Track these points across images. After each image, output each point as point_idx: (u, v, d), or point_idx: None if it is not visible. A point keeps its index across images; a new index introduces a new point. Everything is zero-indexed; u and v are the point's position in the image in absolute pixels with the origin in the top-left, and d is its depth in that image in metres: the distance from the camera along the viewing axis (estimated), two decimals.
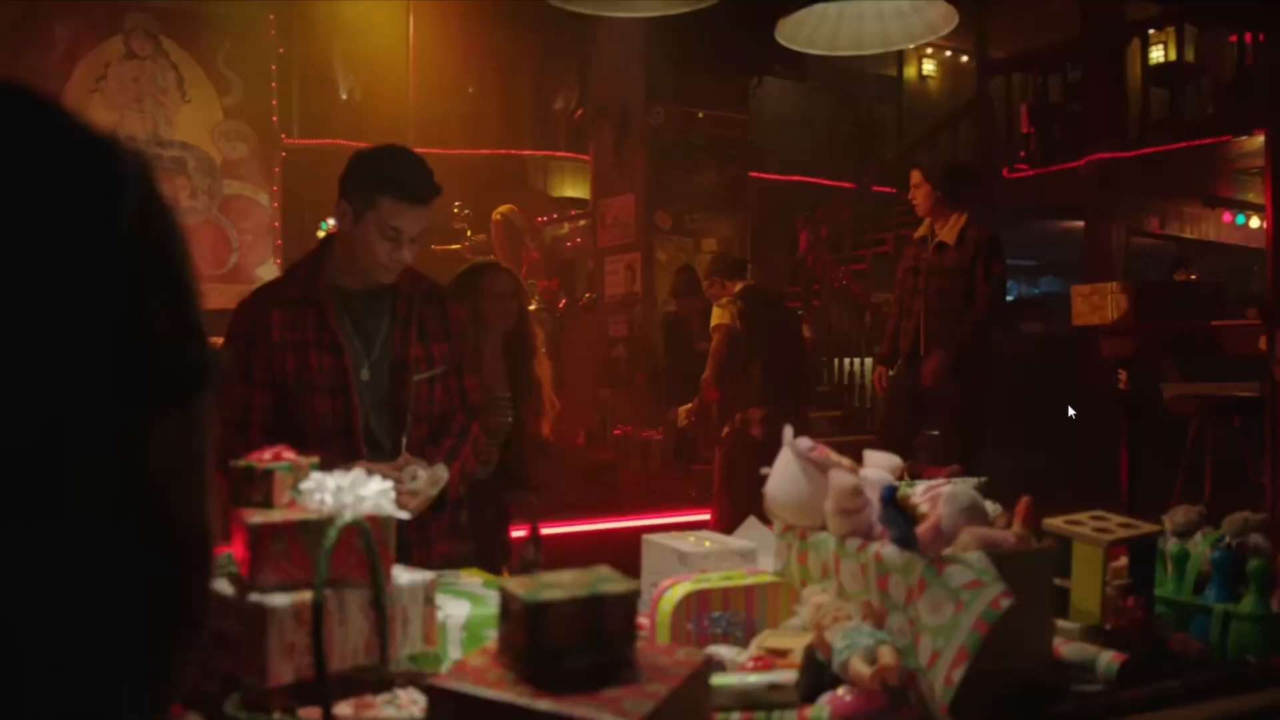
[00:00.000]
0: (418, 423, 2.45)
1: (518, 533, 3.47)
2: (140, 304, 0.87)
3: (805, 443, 1.88)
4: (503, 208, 6.71)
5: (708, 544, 2.27)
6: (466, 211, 6.42)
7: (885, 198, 11.40)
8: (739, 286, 5.62)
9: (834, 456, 1.86)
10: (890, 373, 5.32)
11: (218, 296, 7.76)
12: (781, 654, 1.65)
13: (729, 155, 8.09)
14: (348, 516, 1.50)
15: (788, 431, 1.89)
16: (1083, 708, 1.53)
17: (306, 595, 1.52)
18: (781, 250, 11.17)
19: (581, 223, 9.02)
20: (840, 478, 1.74)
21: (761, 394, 5.37)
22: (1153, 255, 10.32)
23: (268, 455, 1.65)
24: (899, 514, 1.61)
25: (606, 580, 1.29)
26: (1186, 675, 1.66)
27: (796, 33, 2.76)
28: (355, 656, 1.54)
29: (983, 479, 2.60)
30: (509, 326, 3.56)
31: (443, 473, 2.33)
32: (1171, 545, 2.00)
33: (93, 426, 0.84)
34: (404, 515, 1.64)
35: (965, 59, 12.70)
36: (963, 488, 1.79)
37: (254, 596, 1.49)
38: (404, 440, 2.41)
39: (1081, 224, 10.25)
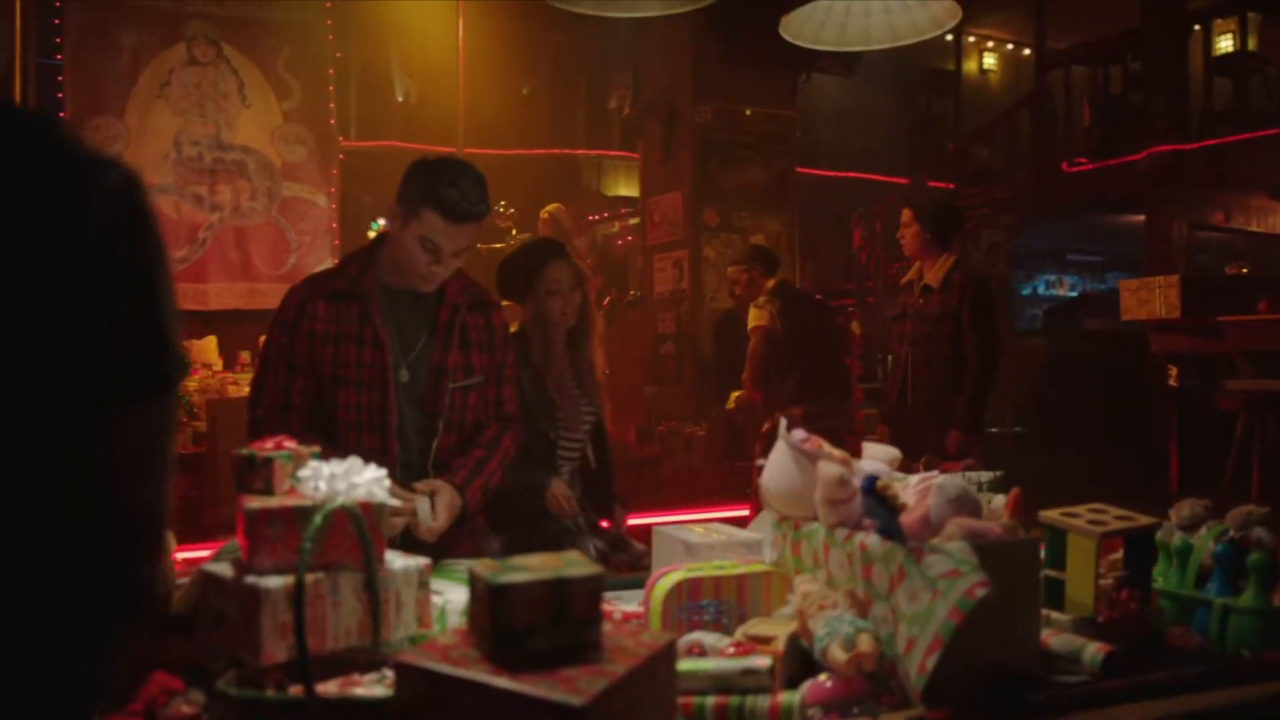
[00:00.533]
0: (449, 430, 2.46)
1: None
2: (106, 309, 0.94)
3: (799, 434, 1.90)
4: (550, 207, 6.78)
5: (715, 535, 2.30)
6: (512, 211, 6.50)
7: (941, 193, 11.29)
8: (772, 283, 5.61)
9: (826, 448, 1.88)
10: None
11: (276, 296, 7.95)
12: (765, 641, 1.68)
13: (777, 152, 8.08)
14: (337, 502, 1.55)
15: (782, 423, 1.91)
16: (1061, 697, 1.53)
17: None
18: (835, 246, 11.11)
19: (632, 221, 9.07)
20: (827, 468, 1.76)
21: (801, 391, 5.37)
22: (1219, 249, 10.09)
23: (269, 444, 1.71)
24: (879, 504, 1.63)
25: (573, 564, 1.33)
26: (1175, 668, 1.65)
27: (803, 29, 2.77)
28: (349, 637, 1.60)
29: (998, 474, 2.60)
30: (573, 322, 3.19)
31: (456, 501, 2.37)
32: (1176, 539, 1.99)
33: (53, 420, 0.91)
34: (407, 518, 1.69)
35: (1027, 52, 12.50)
36: (953, 479, 1.79)
37: (249, 579, 1.55)
38: (433, 446, 2.43)
39: (1142, 218, 10.05)
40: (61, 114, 8.23)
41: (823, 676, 1.57)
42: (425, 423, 2.43)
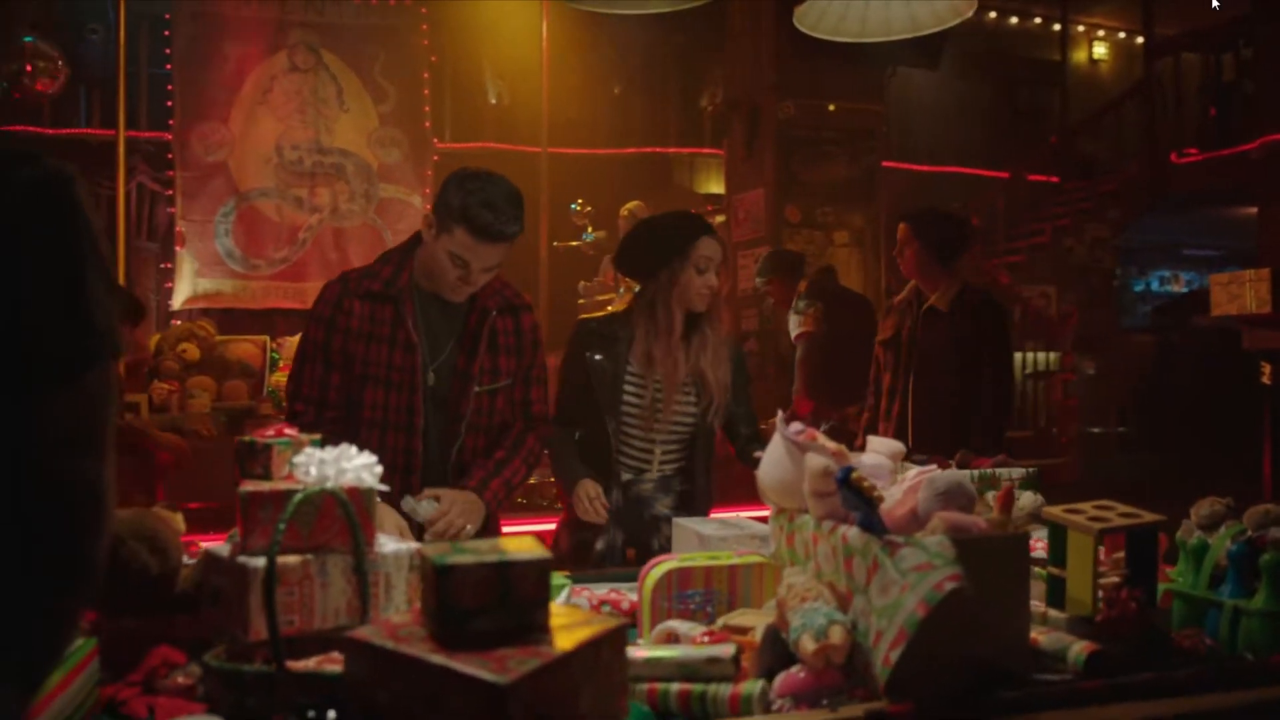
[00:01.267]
0: (474, 433, 2.50)
1: None
2: (21, 295, 1.01)
3: (795, 426, 1.90)
4: (629, 204, 6.83)
5: (730, 528, 2.32)
6: (589, 209, 6.57)
7: (1042, 186, 11.00)
8: (804, 285, 5.51)
9: (821, 440, 1.87)
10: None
11: None
12: (742, 631, 1.69)
13: (862, 147, 7.98)
14: (315, 488, 1.62)
15: (779, 415, 1.91)
16: (1035, 695, 1.50)
17: (289, 559, 1.65)
18: None
19: (718, 219, 9.07)
20: (813, 460, 1.75)
21: (849, 391, 5.25)
22: None
23: (270, 431, 1.79)
24: (856, 496, 1.62)
25: (522, 548, 1.36)
26: (1166, 669, 1.60)
27: (820, 20, 2.74)
28: (337, 617, 1.67)
29: (1030, 470, 2.55)
30: (704, 308, 2.79)
31: (474, 500, 2.41)
32: (1194, 538, 1.92)
33: None
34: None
35: (1140, 40, 12.08)
36: (944, 472, 1.77)
37: (241, 558, 1.63)
38: (454, 448, 2.47)
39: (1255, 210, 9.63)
40: (171, 121, 8.64)
41: (796, 667, 1.57)
42: (448, 425, 2.47)
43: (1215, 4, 8.46)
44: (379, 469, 1.74)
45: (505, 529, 3.34)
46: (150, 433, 4.15)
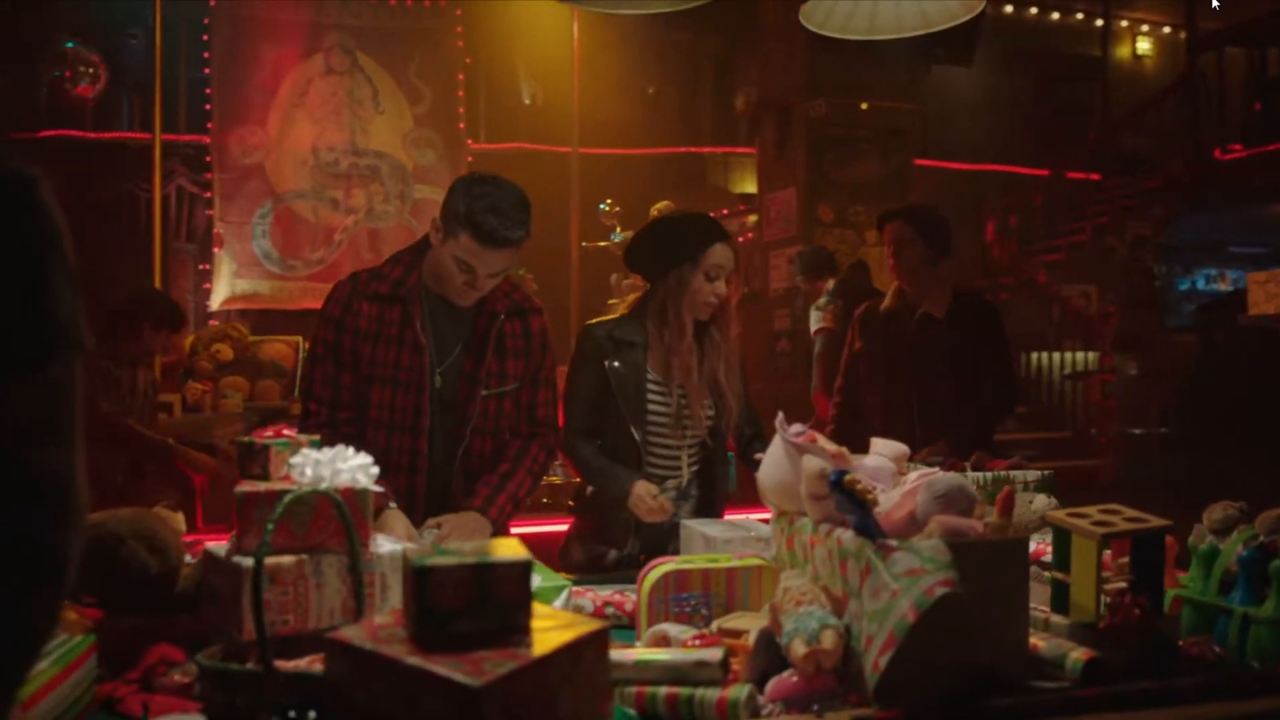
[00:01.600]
0: (480, 436, 2.49)
1: None
2: None
3: (795, 428, 1.88)
4: (659, 204, 6.81)
5: (736, 530, 2.30)
6: (617, 209, 6.57)
7: (1082, 184, 10.85)
8: (832, 283, 5.46)
9: (821, 442, 1.86)
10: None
11: None
12: (736, 635, 1.68)
13: (895, 145, 7.92)
14: (318, 488, 1.62)
15: (779, 416, 1.90)
16: (1028, 703, 1.48)
17: (284, 559, 1.66)
18: (970, 241, 10.81)
19: (751, 218, 9.04)
20: (809, 462, 1.74)
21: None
22: None
23: (269, 432, 1.80)
24: (849, 499, 1.60)
25: (503, 550, 1.36)
26: (1167, 678, 1.57)
27: (828, 18, 2.71)
28: (331, 617, 1.68)
29: (1047, 472, 2.52)
30: (708, 315, 2.71)
31: (481, 520, 2.39)
32: (1205, 543, 1.89)
33: None
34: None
35: (1184, 35, 11.89)
36: (944, 475, 1.75)
37: (235, 558, 1.64)
38: (459, 451, 2.46)
39: None
40: (209, 124, 8.76)
41: (788, 672, 1.56)
42: (454, 427, 2.46)
43: None
44: (375, 470, 1.74)
45: (525, 529, 3.36)
46: (184, 454, 4.19)
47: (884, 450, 1.96)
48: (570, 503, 2.91)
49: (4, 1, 8.27)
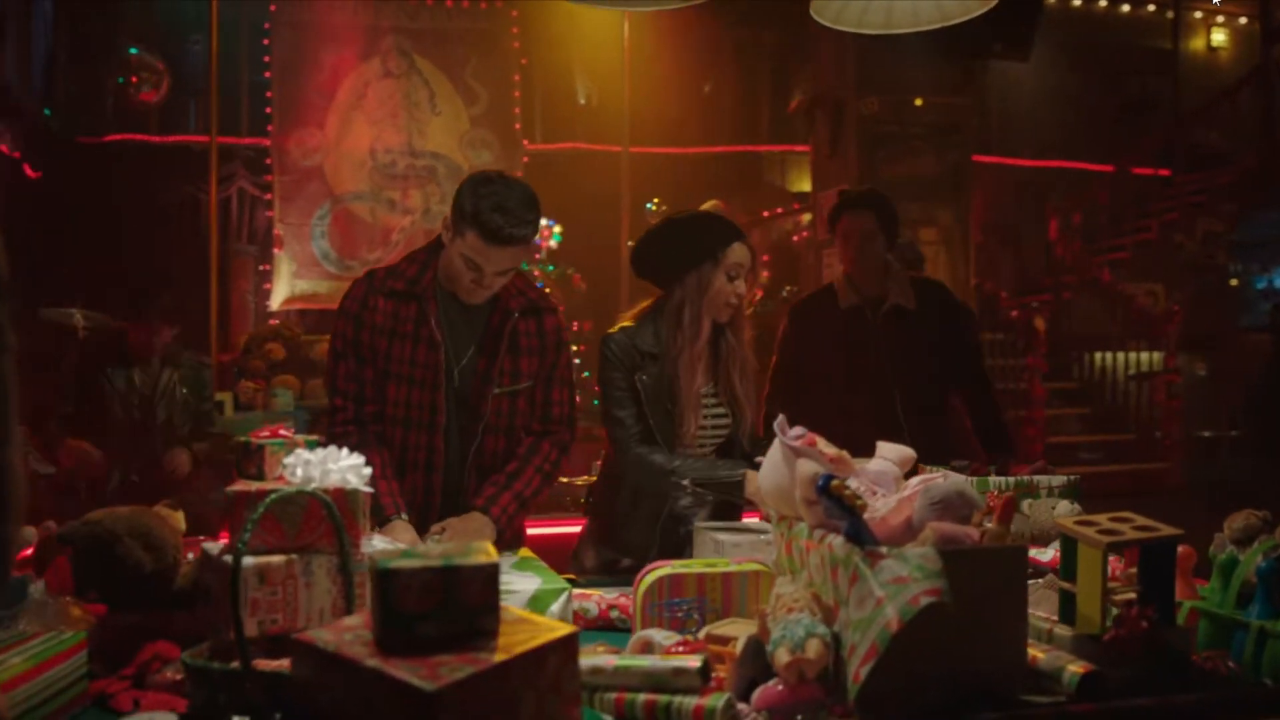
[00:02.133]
0: (493, 434, 2.48)
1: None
2: None
3: (795, 431, 1.85)
4: (707, 203, 6.76)
5: (746, 534, 2.27)
6: (664, 208, 6.55)
7: (1149, 180, 10.58)
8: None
9: (822, 445, 1.82)
10: None
11: None
12: (724, 641, 1.65)
13: (950, 142, 7.78)
14: (304, 488, 1.63)
15: (779, 419, 1.86)
16: (1016, 718, 1.43)
17: (274, 558, 1.67)
18: (1032, 239, 10.61)
19: (806, 216, 8.95)
20: (804, 467, 1.70)
21: None
22: None
23: (265, 432, 1.81)
24: (837, 504, 1.57)
25: (471, 553, 1.35)
26: (1167, 694, 1.51)
27: (841, 14, 2.65)
28: (321, 616, 1.68)
29: (1072, 478, 2.44)
30: (728, 317, 2.64)
31: (484, 521, 2.38)
32: (1224, 553, 1.81)
33: None
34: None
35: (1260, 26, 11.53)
36: (941, 481, 1.70)
37: (227, 556, 1.65)
38: (472, 448, 2.46)
39: None
40: (269, 127, 8.91)
41: (774, 680, 1.53)
42: (468, 424, 2.46)
43: None
44: (366, 471, 1.74)
45: (540, 530, 3.34)
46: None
47: (889, 454, 1.91)
48: (584, 504, 2.88)
49: (72, 10, 8.51)
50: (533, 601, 1.93)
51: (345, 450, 1.75)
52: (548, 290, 6.99)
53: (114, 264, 8.05)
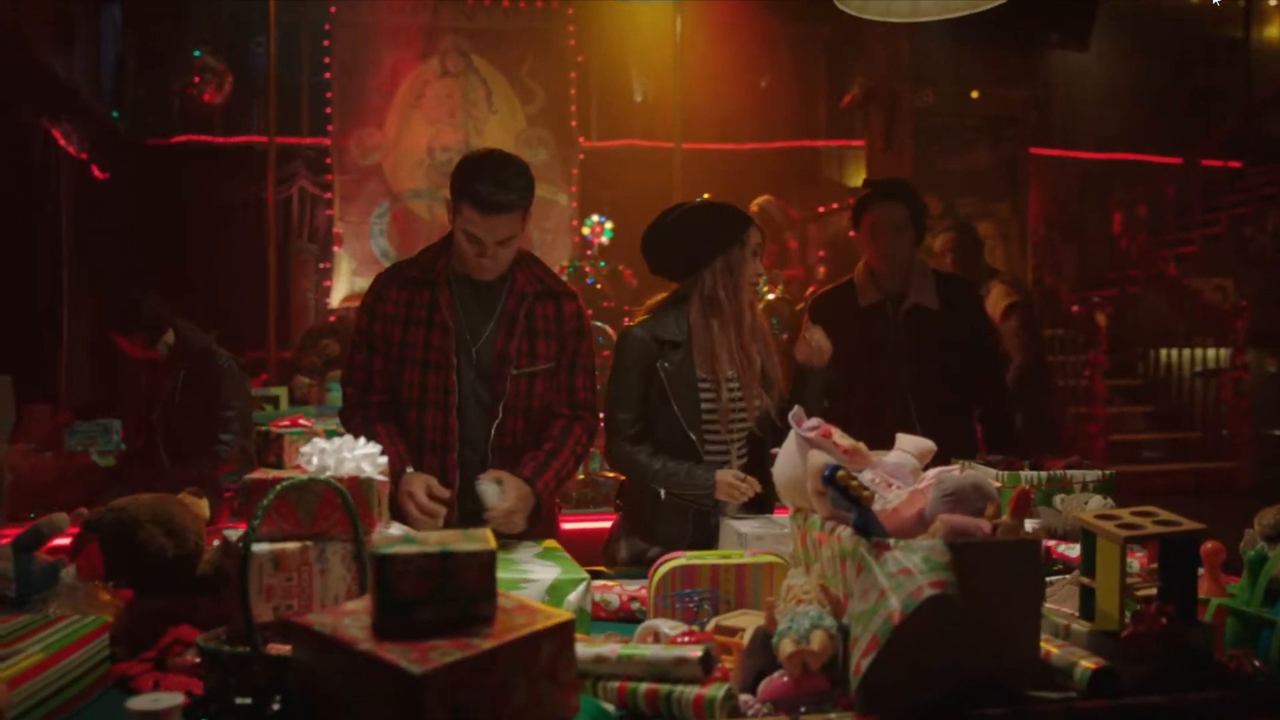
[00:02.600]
0: (512, 415, 2.52)
1: None
2: None
3: (811, 422, 1.83)
4: (760, 199, 6.77)
5: (771, 526, 2.26)
6: None
7: (1218, 172, 10.30)
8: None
9: (837, 436, 1.80)
10: None
11: None
12: (732, 633, 1.64)
13: (1007, 134, 7.65)
14: (317, 476, 1.66)
15: (794, 411, 1.85)
16: (1022, 713, 1.40)
17: (288, 545, 1.70)
18: (1096, 233, 10.39)
19: None
20: (814, 458, 1.69)
21: None
22: None
23: (285, 422, 1.85)
24: (843, 495, 1.55)
25: (469, 540, 1.36)
26: (1181, 691, 1.47)
27: (867, 2, 2.61)
28: (336, 602, 1.71)
29: (1107, 472, 2.40)
30: (755, 293, 2.70)
31: (525, 489, 2.41)
32: (1254, 549, 1.77)
33: None
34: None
35: None
36: (955, 473, 1.68)
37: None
38: (493, 427, 2.50)
39: None
40: (329, 127, 9.06)
41: (779, 672, 1.52)
42: (489, 405, 2.51)
43: None
44: (382, 460, 1.77)
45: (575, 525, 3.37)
46: None
47: (908, 447, 1.89)
48: (616, 500, 2.89)
49: (141, 15, 8.72)
50: (551, 590, 1.94)
51: (361, 440, 1.78)
52: (599, 286, 7.08)
53: (178, 262, 8.26)
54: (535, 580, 1.97)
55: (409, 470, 2.38)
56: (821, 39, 10.53)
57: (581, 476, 3.93)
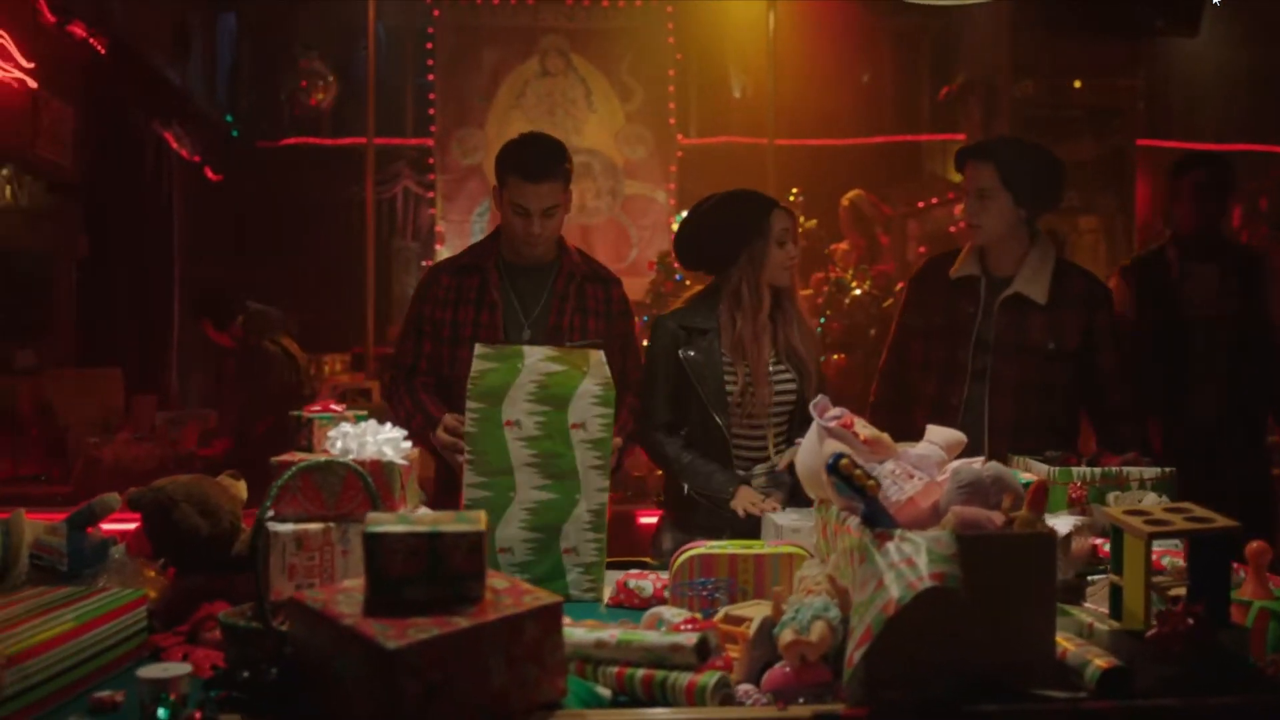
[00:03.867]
0: None
1: None
2: None
3: (833, 412, 1.81)
4: (850, 193, 6.66)
5: (809, 518, 2.23)
6: (801, 198, 6.45)
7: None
8: None
9: (859, 426, 1.78)
10: None
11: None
12: (738, 622, 1.63)
13: (1112, 125, 7.36)
14: (338, 459, 1.70)
15: (816, 400, 1.83)
16: (1021, 711, 1.36)
17: (311, 525, 1.76)
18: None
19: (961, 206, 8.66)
20: (829, 447, 1.67)
21: None
22: None
23: (317, 407, 1.90)
24: (847, 484, 1.53)
25: (459, 521, 1.38)
26: (1200, 695, 1.40)
27: None
28: None
29: (1166, 469, 2.31)
30: (789, 279, 2.66)
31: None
32: None
33: None
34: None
35: None
36: (972, 466, 1.64)
37: (269, 524, 1.74)
38: None
39: None
40: (432, 128, 9.26)
41: (782, 662, 1.51)
42: None
43: None
44: (406, 445, 1.81)
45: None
46: None
47: (936, 438, 1.85)
48: (659, 497, 2.91)
49: (254, 23, 9.06)
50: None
51: (386, 425, 1.82)
52: (688, 282, 7.06)
53: (287, 260, 8.55)
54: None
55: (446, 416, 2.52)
56: (926, 33, 10.32)
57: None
